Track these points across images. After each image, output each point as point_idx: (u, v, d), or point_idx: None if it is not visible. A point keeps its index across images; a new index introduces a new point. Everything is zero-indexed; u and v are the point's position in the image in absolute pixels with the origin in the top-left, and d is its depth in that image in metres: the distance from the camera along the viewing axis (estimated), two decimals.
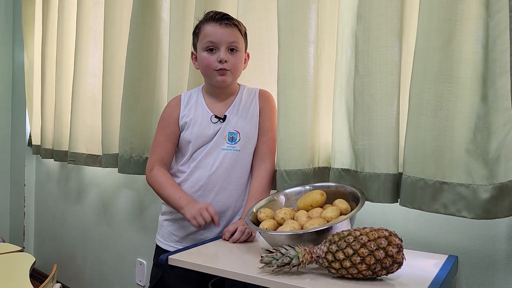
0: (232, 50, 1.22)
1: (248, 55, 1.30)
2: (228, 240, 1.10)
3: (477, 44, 0.93)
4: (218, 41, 1.20)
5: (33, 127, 2.68)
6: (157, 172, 1.27)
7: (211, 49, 1.21)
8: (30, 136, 2.78)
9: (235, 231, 1.10)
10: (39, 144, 2.60)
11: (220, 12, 1.22)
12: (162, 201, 1.30)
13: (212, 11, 1.23)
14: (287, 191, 1.15)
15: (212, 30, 1.20)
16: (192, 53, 1.31)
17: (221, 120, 1.25)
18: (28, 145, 2.82)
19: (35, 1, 2.65)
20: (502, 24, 0.88)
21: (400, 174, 1.06)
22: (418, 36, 0.99)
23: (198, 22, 1.27)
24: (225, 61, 1.20)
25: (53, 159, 2.39)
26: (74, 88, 2.11)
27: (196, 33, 1.26)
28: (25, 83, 2.76)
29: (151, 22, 1.72)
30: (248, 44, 1.30)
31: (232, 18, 1.23)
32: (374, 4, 1.06)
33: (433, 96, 0.96)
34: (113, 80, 1.90)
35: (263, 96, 1.30)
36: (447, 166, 0.96)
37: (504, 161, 0.89)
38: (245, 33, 1.27)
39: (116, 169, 1.89)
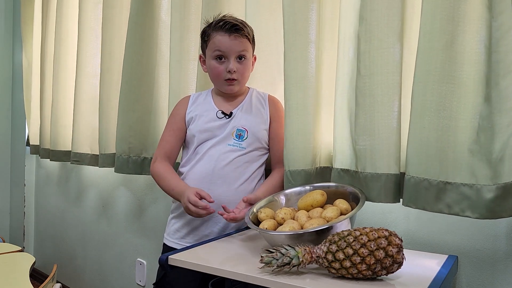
0: (240, 58, 1.24)
1: (255, 58, 1.32)
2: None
3: (480, 44, 0.93)
4: (227, 51, 1.22)
5: (31, 127, 2.68)
6: (158, 164, 1.30)
7: (220, 57, 1.24)
8: (28, 136, 2.78)
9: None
10: (38, 144, 2.59)
11: (230, 22, 1.22)
12: (172, 199, 1.32)
13: (221, 20, 1.24)
14: (287, 191, 1.15)
15: (222, 40, 1.22)
16: (200, 56, 1.33)
17: (227, 117, 1.26)
18: (26, 145, 2.82)
19: (34, 1, 2.65)
20: (505, 25, 0.88)
21: (402, 174, 1.06)
22: (420, 37, 0.99)
23: (206, 25, 1.28)
24: (234, 71, 1.23)
25: (49, 159, 2.38)
26: (76, 88, 2.11)
27: (205, 40, 1.27)
28: (23, 83, 2.76)
29: (150, 22, 1.72)
30: (256, 45, 1.32)
31: (241, 29, 1.23)
32: (375, 5, 1.06)
33: (436, 97, 0.97)
34: (111, 80, 1.90)
35: (273, 102, 1.32)
36: (450, 166, 0.96)
37: (508, 161, 0.89)
38: (253, 37, 1.29)
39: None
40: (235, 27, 1.22)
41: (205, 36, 1.28)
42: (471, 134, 0.94)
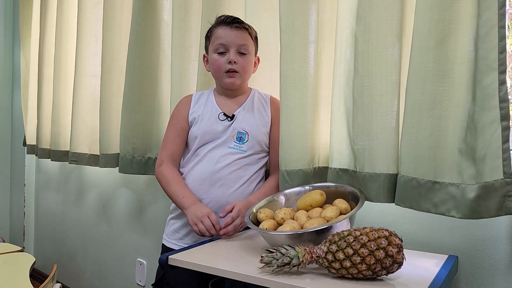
0: (242, 53, 1.24)
1: (258, 59, 1.33)
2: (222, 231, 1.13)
3: (470, 42, 0.93)
4: (228, 43, 1.23)
5: (28, 127, 2.67)
6: (166, 168, 1.28)
7: (221, 51, 1.24)
8: (25, 136, 2.78)
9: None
10: (35, 143, 2.59)
11: (231, 16, 1.26)
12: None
13: (223, 15, 1.26)
14: (287, 191, 1.15)
15: (223, 33, 1.23)
16: (204, 56, 1.34)
17: (229, 119, 1.26)
18: (23, 145, 2.82)
19: (33, 1, 2.66)
20: (490, 21, 0.88)
21: None
22: (414, 36, 0.99)
23: (210, 26, 1.30)
24: (234, 62, 1.23)
25: (49, 159, 2.39)
26: (75, 88, 2.11)
27: (208, 36, 1.29)
28: (21, 83, 2.76)
29: (152, 22, 1.72)
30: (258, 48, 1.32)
31: (242, 22, 1.26)
32: (374, 5, 1.06)
33: (427, 96, 0.97)
34: (112, 80, 1.90)
35: (275, 104, 1.32)
36: (439, 165, 0.96)
37: (489, 160, 0.88)
38: (256, 37, 1.30)
39: (116, 169, 1.89)
40: (236, 20, 1.24)
41: (208, 33, 1.29)
42: (461, 133, 0.94)
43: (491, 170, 0.88)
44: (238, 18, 1.26)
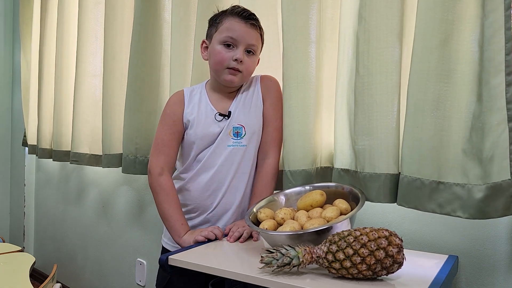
0: (249, 52, 1.18)
1: (258, 60, 1.26)
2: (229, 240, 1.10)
3: (474, 43, 0.93)
4: (239, 39, 1.15)
5: (29, 127, 2.68)
6: (167, 181, 1.20)
7: (228, 45, 1.16)
8: (24, 136, 2.78)
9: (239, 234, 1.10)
10: (36, 144, 2.59)
11: (248, 11, 1.18)
12: None
13: (240, 7, 1.19)
14: (287, 191, 1.15)
15: (236, 26, 1.15)
16: (203, 41, 1.24)
17: (226, 117, 1.20)
18: (22, 145, 2.82)
19: (33, 1, 2.66)
20: (497, 23, 0.88)
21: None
22: (415, 36, 0.99)
23: (218, 11, 1.22)
24: (241, 61, 1.16)
25: (51, 159, 2.39)
26: (76, 89, 2.11)
27: (217, 23, 1.19)
28: (21, 83, 2.76)
29: (154, 22, 1.72)
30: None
31: (257, 20, 1.19)
32: (374, 5, 1.06)
33: (430, 96, 0.97)
34: (114, 80, 1.90)
35: (265, 82, 1.25)
36: (443, 165, 0.96)
37: (497, 160, 0.88)
38: (263, 39, 1.24)
39: (116, 168, 1.89)
40: (252, 16, 1.17)
41: (217, 19, 1.19)
42: (465, 133, 0.94)
43: (499, 171, 0.88)
44: (254, 14, 1.18)
